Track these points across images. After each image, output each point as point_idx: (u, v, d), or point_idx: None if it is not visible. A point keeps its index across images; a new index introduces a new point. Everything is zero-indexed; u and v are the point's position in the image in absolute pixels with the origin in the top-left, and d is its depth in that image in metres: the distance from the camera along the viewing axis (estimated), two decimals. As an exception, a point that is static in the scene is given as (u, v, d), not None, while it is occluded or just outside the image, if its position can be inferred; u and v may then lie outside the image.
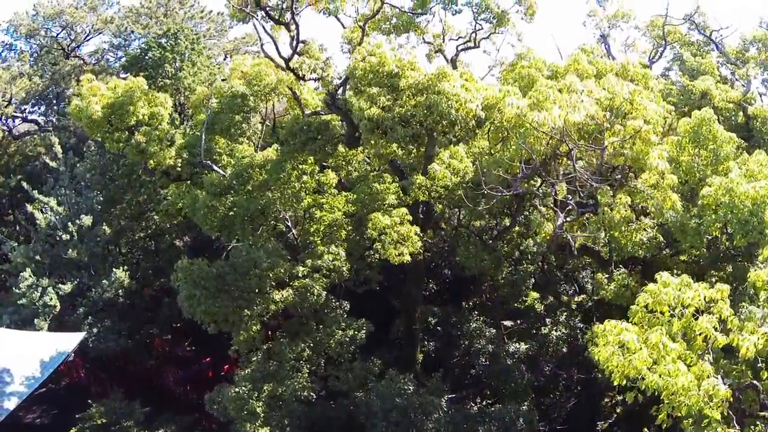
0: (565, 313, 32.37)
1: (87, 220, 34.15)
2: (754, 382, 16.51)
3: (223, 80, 37.33)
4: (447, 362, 32.21)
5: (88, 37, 41.34)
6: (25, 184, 35.28)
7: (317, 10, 23.78)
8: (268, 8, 23.79)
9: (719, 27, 32.20)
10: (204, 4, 40.97)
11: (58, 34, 40.74)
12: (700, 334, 15.50)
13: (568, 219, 19.29)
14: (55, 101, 41.76)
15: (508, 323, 35.55)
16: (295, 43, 24.18)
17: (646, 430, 19.46)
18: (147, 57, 36.38)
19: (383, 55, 21.84)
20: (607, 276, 22.76)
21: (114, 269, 34.15)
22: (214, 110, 28.84)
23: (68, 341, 31.81)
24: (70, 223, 34.17)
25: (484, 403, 31.22)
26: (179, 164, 27.75)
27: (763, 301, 16.63)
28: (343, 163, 28.94)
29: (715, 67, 30.96)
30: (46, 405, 35.68)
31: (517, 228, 30.10)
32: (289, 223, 27.10)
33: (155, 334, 37.02)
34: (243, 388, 24.40)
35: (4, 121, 40.93)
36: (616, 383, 14.99)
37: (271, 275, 24.21)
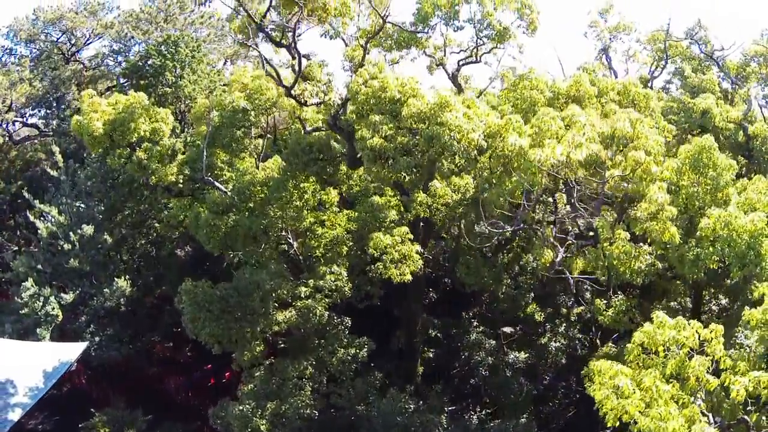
0: (564, 324, 32.72)
1: (88, 229, 34.21)
2: (745, 417, 16.81)
3: (224, 85, 37.31)
4: (447, 372, 32.56)
5: (88, 42, 41.18)
6: (26, 194, 35.33)
7: (319, 32, 23.81)
8: (269, 29, 23.78)
9: (721, 47, 32.20)
10: (204, 10, 40.73)
11: (58, 39, 40.56)
12: (693, 375, 15.80)
13: (567, 255, 19.47)
14: (55, 104, 41.66)
15: (507, 330, 35.88)
16: (297, 68, 24.17)
17: None
18: (147, 64, 36.36)
19: (385, 79, 21.87)
20: (605, 302, 23.02)
21: (116, 278, 34.29)
22: (215, 124, 28.85)
23: (71, 351, 32.01)
24: (71, 233, 34.26)
25: (483, 412, 31.63)
26: (181, 180, 27.82)
27: (756, 340, 16.88)
28: (345, 177, 29.04)
29: (716, 83, 30.99)
30: (47, 411, 35.92)
31: (517, 239, 30.32)
32: (291, 240, 27.23)
33: (156, 341, 37.24)
34: (247, 405, 24.77)
35: (5, 127, 40.87)
36: (609, 425, 15.28)
37: (273, 295, 24.43)
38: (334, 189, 27.65)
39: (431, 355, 32.87)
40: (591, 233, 20.11)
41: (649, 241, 21.26)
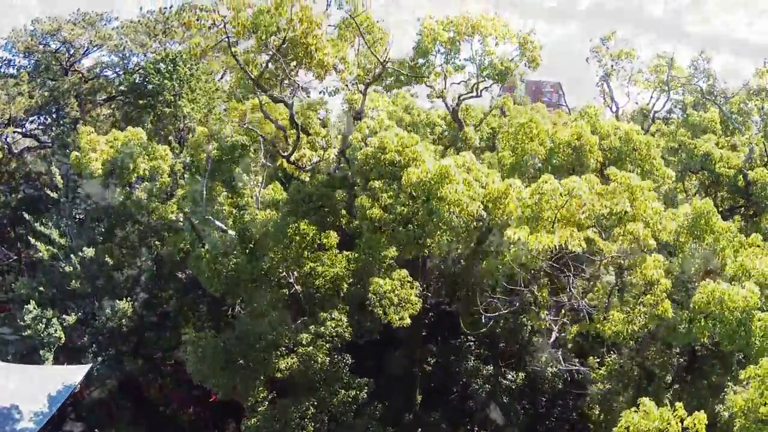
0: (561, 351, 33.11)
1: (89, 252, 34.40)
2: None
3: (223, 102, 37.06)
4: (446, 397, 33.08)
5: (86, 52, 40.73)
6: (26, 215, 35.45)
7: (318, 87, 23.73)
8: (267, 90, 23.67)
9: (723, 93, 31.91)
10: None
11: (56, 49, 40.12)
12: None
13: (562, 335, 19.78)
14: (54, 114, 41.38)
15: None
16: (296, 134, 24.08)
17: None
18: (146, 81, 36.15)
19: (385, 138, 21.82)
20: (598, 359, 23.38)
21: (117, 300, 34.56)
22: (215, 157, 28.80)
23: (74, 374, 32.52)
24: (72, 255, 34.45)
25: (481, 433, 32.34)
26: (181, 219, 27.94)
27: (737, 429, 17.32)
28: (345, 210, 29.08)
29: (717, 121, 30.86)
30: (50, 426, 36.55)
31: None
32: (292, 280, 27.36)
33: (157, 358, 37.65)
34: (250, 447, 25.28)
35: (4, 139, 40.68)
36: None
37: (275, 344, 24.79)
38: (334, 231, 27.64)
39: (430, 380, 33.31)
40: (586, 303, 20.36)
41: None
